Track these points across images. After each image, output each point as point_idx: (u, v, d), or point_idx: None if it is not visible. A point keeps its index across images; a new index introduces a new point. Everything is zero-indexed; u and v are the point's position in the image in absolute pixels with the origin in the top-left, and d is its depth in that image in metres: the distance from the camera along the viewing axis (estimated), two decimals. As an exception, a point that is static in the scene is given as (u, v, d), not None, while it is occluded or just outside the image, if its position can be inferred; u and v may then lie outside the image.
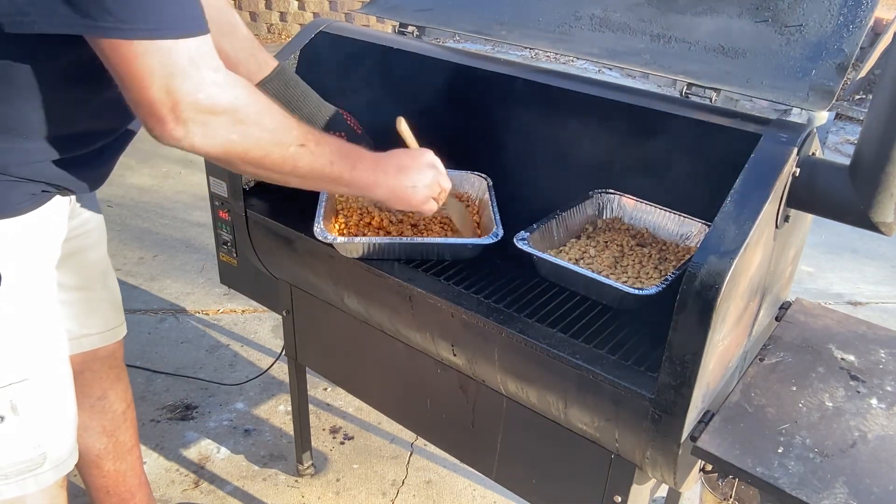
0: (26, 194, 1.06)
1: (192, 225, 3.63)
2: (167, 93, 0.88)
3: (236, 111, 0.94)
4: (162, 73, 0.87)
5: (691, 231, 1.50)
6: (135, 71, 0.86)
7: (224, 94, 0.92)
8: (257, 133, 0.97)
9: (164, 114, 0.89)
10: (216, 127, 0.93)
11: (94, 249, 1.46)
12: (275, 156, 1.01)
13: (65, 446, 1.24)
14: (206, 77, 0.90)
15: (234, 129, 0.95)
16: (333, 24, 1.68)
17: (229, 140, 0.95)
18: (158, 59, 0.86)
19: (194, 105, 0.89)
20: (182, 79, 0.88)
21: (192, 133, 0.91)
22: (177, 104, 0.88)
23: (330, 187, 1.16)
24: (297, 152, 1.03)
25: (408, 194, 1.24)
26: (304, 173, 1.06)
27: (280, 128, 1.01)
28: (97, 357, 1.53)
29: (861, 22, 1.13)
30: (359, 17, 6.83)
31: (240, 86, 0.95)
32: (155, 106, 0.88)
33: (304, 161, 1.05)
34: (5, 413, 1.11)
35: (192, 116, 0.90)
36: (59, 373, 1.20)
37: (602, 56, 1.32)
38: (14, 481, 1.17)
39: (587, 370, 1.14)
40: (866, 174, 1.02)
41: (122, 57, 0.86)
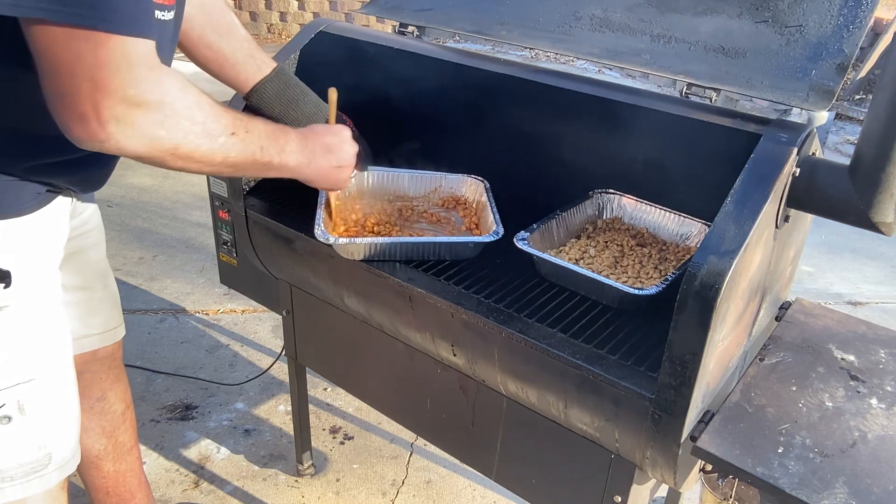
0: (32, 193, 1.06)
1: (192, 225, 3.63)
2: (93, 86, 0.82)
3: (164, 106, 0.89)
4: (92, 63, 0.81)
5: (691, 231, 1.50)
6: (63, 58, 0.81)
7: (153, 90, 0.87)
8: (187, 126, 0.93)
9: (85, 110, 0.83)
10: (143, 124, 0.87)
11: (94, 249, 1.46)
12: (204, 148, 0.97)
13: (69, 447, 1.24)
14: (139, 74, 0.85)
15: (163, 125, 0.90)
16: (333, 24, 1.68)
17: (157, 137, 0.90)
18: (92, 49, 0.81)
19: (122, 101, 0.84)
20: (113, 73, 0.82)
21: (118, 132, 0.85)
22: (101, 100, 0.83)
23: (260, 172, 1.13)
24: (226, 142, 1.00)
25: (334, 174, 1.25)
26: (235, 162, 1.04)
27: (210, 118, 0.97)
28: (96, 358, 1.54)
29: (861, 22, 1.13)
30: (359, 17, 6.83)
31: (170, 81, 0.90)
32: (77, 98, 0.82)
33: (235, 150, 1.02)
34: (12, 413, 1.11)
35: (118, 114, 0.84)
36: (64, 373, 1.21)
37: (602, 56, 1.33)
38: (19, 482, 1.17)
39: (587, 370, 1.14)
40: (866, 174, 1.02)
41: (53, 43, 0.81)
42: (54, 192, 1.11)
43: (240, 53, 1.35)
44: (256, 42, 1.41)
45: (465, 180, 1.67)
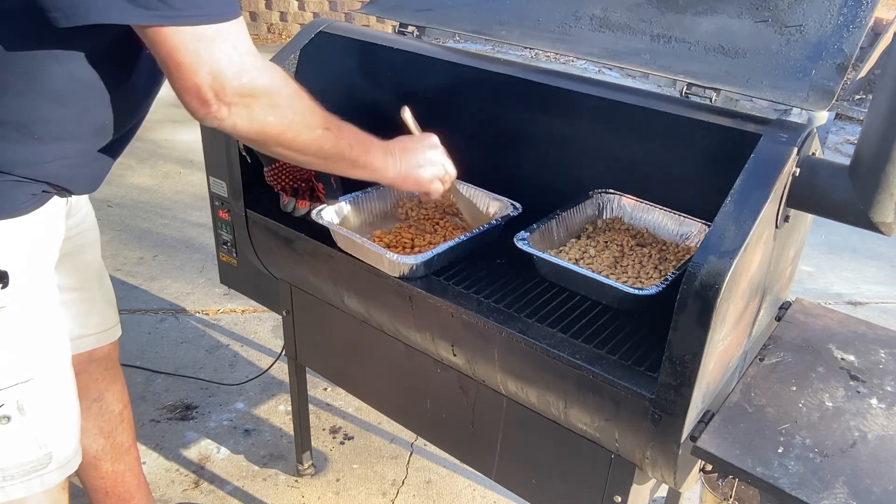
0: (28, 194, 1.06)
1: (192, 225, 3.63)
2: (213, 77, 0.93)
3: (273, 94, 1.00)
4: (208, 58, 0.92)
5: (691, 231, 1.50)
6: (183, 58, 0.92)
7: (262, 78, 0.98)
8: (290, 115, 1.04)
9: (209, 97, 0.95)
10: (256, 109, 0.99)
11: (89, 249, 1.46)
12: (304, 137, 1.07)
13: (69, 446, 1.24)
14: (247, 62, 0.96)
15: (272, 111, 1.01)
16: (333, 24, 1.68)
17: (266, 122, 1.01)
18: (205, 45, 0.92)
19: (238, 89, 0.95)
20: (227, 64, 0.94)
21: (235, 115, 0.98)
22: (222, 88, 0.94)
23: (346, 169, 1.20)
24: (322, 135, 1.09)
25: (415, 174, 1.30)
26: (327, 154, 1.13)
27: (309, 111, 1.07)
28: (93, 358, 1.53)
29: (861, 22, 1.13)
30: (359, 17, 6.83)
31: (275, 70, 1.01)
32: (202, 90, 0.94)
33: (329, 144, 1.11)
34: (11, 413, 1.11)
35: (236, 100, 0.96)
36: (63, 373, 1.21)
37: (602, 56, 1.32)
38: (20, 482, 1.17)
39: (587, 370, 1.14)
40: (866, 174, 1.02)
41: (171, 45, 0.91)
42: (50, 193, 1.11)
43: None
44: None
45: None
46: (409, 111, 1.43)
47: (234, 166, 1.60)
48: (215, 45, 0.93)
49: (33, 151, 1.04)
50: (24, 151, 1.03)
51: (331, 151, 1.13)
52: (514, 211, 1.52)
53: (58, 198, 1.14)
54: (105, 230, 3.48)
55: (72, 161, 1.10)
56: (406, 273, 1.35)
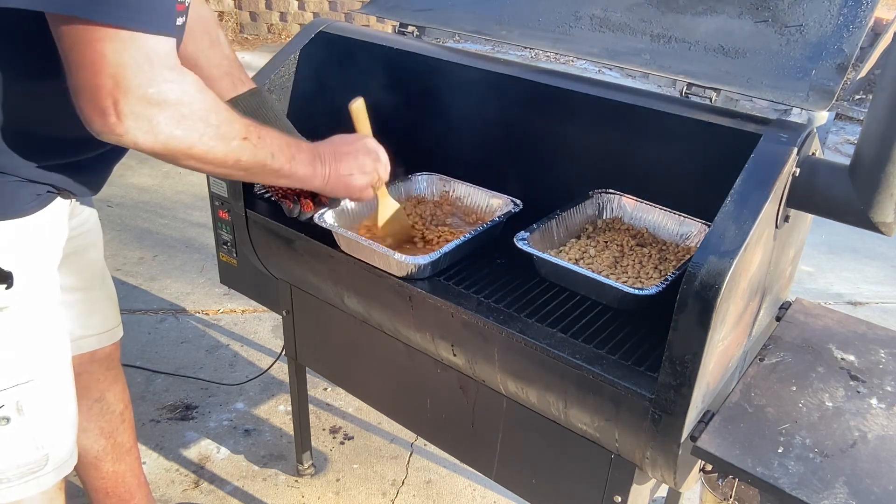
0: (32, 195, 1.06)
1: (192, 225, 3.63)
2: (115, 83, 0.85)
3: (182, 106, 0.92)
4: (115, 61, 0.85)
5: (691, 231, 1.50)
6: (88, 55, 0.85)
7: (173, 90, 0.91)
8: (202, 128, 0.96)
9: (106, 105, 0.86)
10: (160, 122, 0.91)
11: (92, 249, 1.46)
12: (218, 150, 1.00)
13: (66, 447, 1.24)
14: (159, 74, 0.89)
15: (179, 124, 0.93)
16: (333, 24, 1.68)
17: (173, 136, 0.93)
18: (116, 47, 0.85)
19: (141, 98, 0.87)
20: (135, 72, 0.86)
21: (135, 128, 0.89)
22: (124, 95, 0.86)
23: (271, 180, 1.15)
24: (239, 146, 1.03)
25: (345, 182, 1.25)
26: (247, 166, 1.06)
27: (224, 122, 1.00)
28: (95, 359, 1.53)
29: (861, 22, 1.13)
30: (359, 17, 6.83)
31: (189, 82, 0.94)
32: (99, 94, 0.86)
33: (247, 154, 1.05)
34: (10, 414, 1.11)
35: (137, 111, 0.88)
36: (62, 374, 1.21)
37: (602, 56, 1.32)
38: (16, 484, 1.17)
39: (587, 370, 1.14)
40: (866, 174, 1.02)
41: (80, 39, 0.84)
42: (54, 194, 1.11)
43: (217, 70, 1.34)
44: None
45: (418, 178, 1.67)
46: (361, 102, 1.37)
47: (234, 166, 1.60)
48: (127, 51, 0.85)
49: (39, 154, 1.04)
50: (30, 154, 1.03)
51: (250, 162, 1.06)
52: (514, 207, 1.53)
53: (61, 198, 1.14)
54: (105, 230, 3.45)
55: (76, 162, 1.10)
56: (413, 273, 1.35)
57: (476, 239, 1.43)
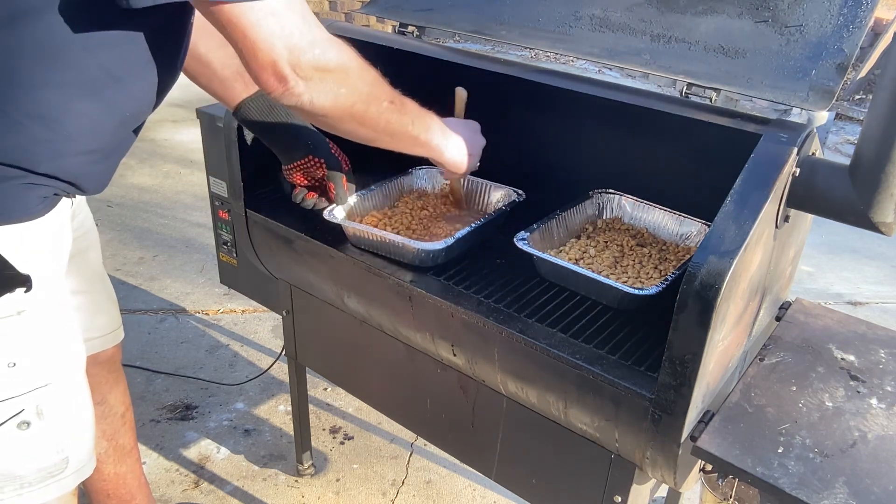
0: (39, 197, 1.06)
1: (192, 225, 3.63)
2: (290, 52, 0.94)
3: (343, 67, 1.02)
4: (281, 33, 0.93)
5: (691, 231, 1.50)
6: (258, 35, 0.92)
7: (332, 50, 0.99)
8: (360, 87, 1.05)
9: (286, 72, 0.95)
10: (329, 82, 1.00)
11: (91, 250, 1.46)
12: (372, 111, 1.09)
13: (85, 450, 1.23)
14: (316, 34, 0.97)
15: (343, 84, 1.02)
16: (333, 24, 1.68)
17: (339, 94, 1.03)
18: (277, 20, 0.92)
19: (312, 61, 0.96)
20: (299, 36, 0.94)
21: (311, 89, 0.99)
22: (297, 62, 0.95)
23: (409, 146, 1.23)
24: (388, 108, 1.11)
25: (467, 161, 1.36)
26: (394, 130, 1.15)
27: (375, 83, 1.09)
28: (97, 361, 1.53)
29: (861, 22, 1.13)
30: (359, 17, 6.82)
31: (341, 45, 1.02)
32: (279, 66, 0.94)
33: (394, 118, 1.13)
34: (31, 419, 1.10)
35: (310, 73, 0.97)
36: (79, 376, 1.20)
37: (602, 56, 1.32)
38: (37, 488, 1.15)
39: (587, 370, 1.14)
40: (866, 174, 1.02)
41: (245, 23, 0.91)
42: (59, 196, 1.10)
43: (228, 70, 1.34)
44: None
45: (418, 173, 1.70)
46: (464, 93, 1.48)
47: (234, 166, 1.60)
48: (286, 19, 0.93)
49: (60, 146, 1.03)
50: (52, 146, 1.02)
51: (396, 126, 1.14)
52: (518, 197, 1.56)
53: (65, 200, 1.14)
54: (105, 230, 3.48)
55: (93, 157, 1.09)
56: (427, 260, 1.38)
57: (486, 227, 1.45)
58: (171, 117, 4.79)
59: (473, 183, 1.65)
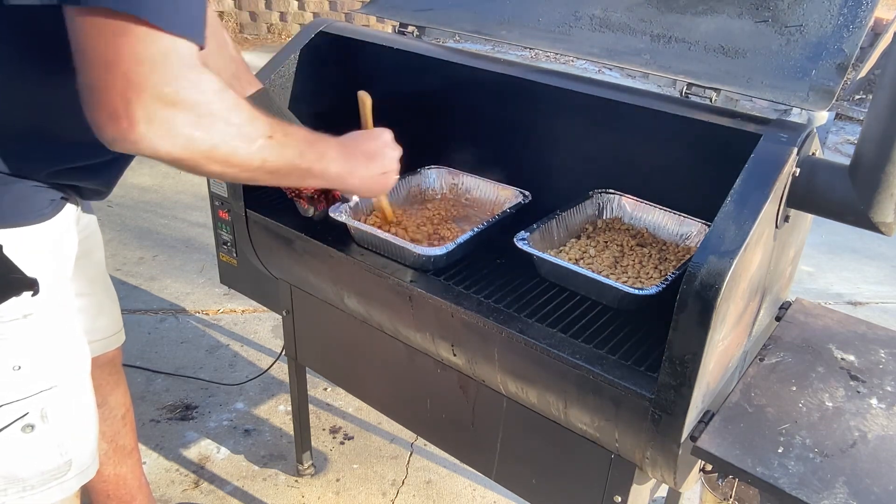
0: (47, 199, 1.06)
1: (192, 225, 3.63)
2: (126, 82, 0.78)
3: (199, 106, 0.84)
4: (130, 57, 0.77)
5: (691, 231, 1.50)
6: (100, 49, 0.77)
7: (190, 89, 0.83)
8: (223, 128, 0.88)
9: (116, 107, 0.78)
10: (178, 124, 0.82)
11: (95, 252, 1.46)
12: (242, 151, 0.92)
13: (88, 453, 1.23)
14: (177, 72, 0.81)
15: (198, 125, 0.85)
16: (333, 24, 1.68)
17: (192, 138, 0.85)
18: (133, 43, 0.77)
19: (157, 98, 0.79)
20: (150, 69, 0.78)
21: (150, 132, 0.81)
22: (135, 97, 0.78)
23: (301, 181, 1.10)
24: (264, 145, 0.95)
25: (380, 182, 1.24)
26: (274, 167, 0.99)
27: (246, 121, 0.92)
28: (97, 364, 1.52)
29: (861, 22, 1.13)
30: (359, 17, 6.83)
31: (207, 80, 0.86)
32: (109, 95, 0.78)
33: (273, 154, 0.97)
34: (35, 422, 1.10)
35: (151, 112, 0.80)
36: (83, 379, 1.20)
37: (602, 56, 1.32)
38: (40, 490, 1.15)
39: (587, 370, 1.14)
40: (866, 174, 1.02)
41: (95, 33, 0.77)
42: (66, 199, 1.10)
43: (225, 73, 1.33)
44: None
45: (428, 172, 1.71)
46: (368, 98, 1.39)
47: (234, 166, 1.60)
48: (145, 47, 0.77)
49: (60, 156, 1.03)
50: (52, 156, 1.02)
51: (277, 163, 0.98)
52: (524, 199, 1.56)
53: (70, 204, 1.14)
54: (105, 230, 3.46)
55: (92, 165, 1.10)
56: (429, 264, 1.38)
57: (488, 230, 1.45)
58: (171, 117, 4.79)
59: (482, 182, 1.66)
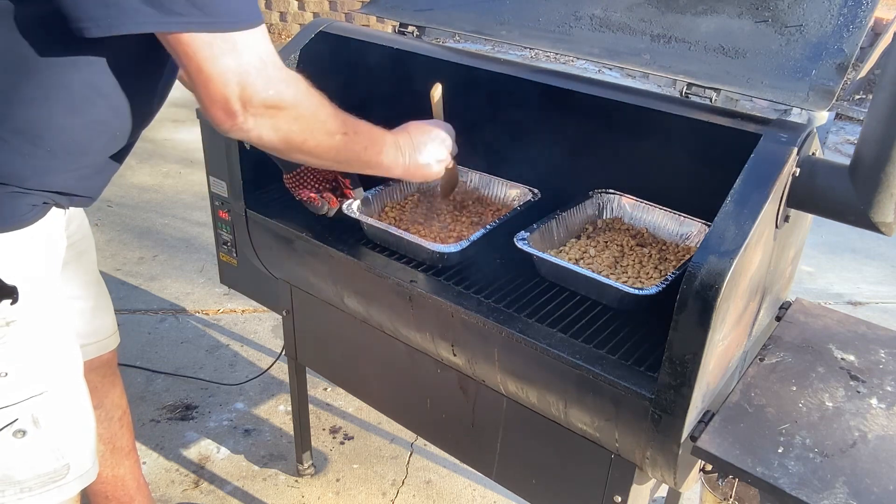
0: (29, 205, 1.05)
1: (192, 225, 3.63)
2: (242, 88, 0.94)
3: (297, 106, 1.02)
4: (237, 69, 0.93)
5: (691, 231, 1.50)
6: (213, 69, 0.92)
7: (288, 91, 1.00)
8: (313, 124, 1.07)
9: (236, 109, 0.95)
10: (281, 120, 1.01)
11: (86, 256, 1.45)
12: (324, 144, 1.10)
13: (87, 456, 1.22)
14: (273, 74, 0.97)
15: (296, 121, 1.03)
16: (333, 24, 1.68)
17: (291, 131, 1.04)
18: (234, 56, 0.93)
19: (265, 100, 0.97)
20: (255, 76, 0.95)
21: (260, 126, 0.99)
22: (249, 100, 0.95)
23: (359, 169, 1.26)
24: (340, 140, 1.13)
25: (423, 172, 1.34)
26: (345, 158, 1.17)
27: (330, 118, 1.10)
28: (92, 367, 1.52)
29: (861, 22, 1.13)
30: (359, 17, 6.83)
31: (299, 81, 1.03)
32: (230, 102, 0.95)
33: (346, 148, 1.15)
34: (27, 427, 1.10)
35: (262, 111, 0.97)
36: (75, 383, 1.19)
37: (602, 56, 1.32)
38: (38, 493, 1.15)
39: (587, 370, 1.14)
40: (866, 174, 1.02)
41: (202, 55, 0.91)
42: (49, 204, 1.10)
43: None
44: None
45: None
46: (440, 91, 1.46)
47: (234, 166, 1.60)
48: (244, 56, 0.93)
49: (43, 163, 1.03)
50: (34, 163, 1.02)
51: (347, 155, 1.17)
52: (533, 197, 1.57)
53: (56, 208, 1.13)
54: (105, 230, 3.48)
55: (80, 173, 1.09)
56: (442, 261, 1.39)
57: (500, 228, 1.46)
58: (171, 117, 4.79)
59: (490, 180, 1.67)
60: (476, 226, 1.56)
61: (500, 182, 1.66)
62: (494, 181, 1.68)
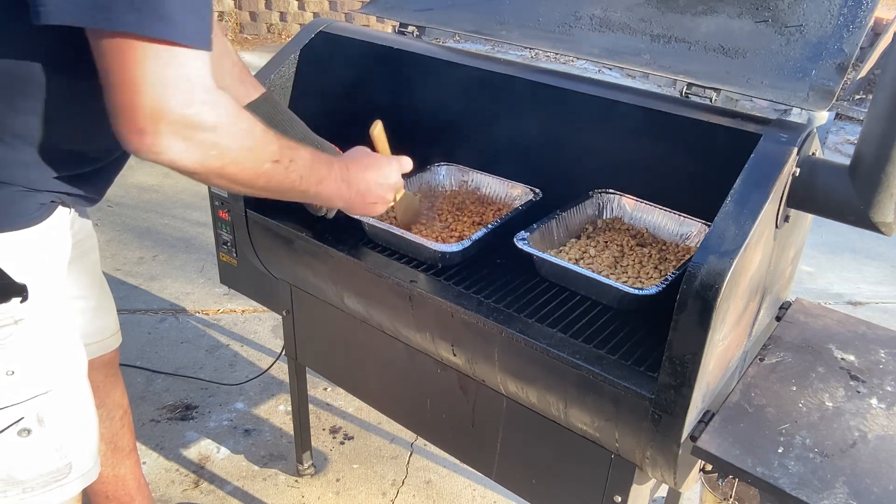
0: (37, 203, 1.06)
1: (192, 225, 3.63)
2: (155, 102, 0.85)
3: (217, 129, 0.92)
4: (157, 81, 0.85)
5: (691, 231, 1.50)
6: (129, 74, 0.84)
7: (209, 114, 0.91)
8: (235, 150, 0.96)
9: (144, 124, 0.86)
10: (197, 144, 0.91)
11: (90, 254, 1.45)
12: (249, 172, 1.01)
13: (89, 455, 1.23)
14: (197, 96, 0.89)
15: (216, 145, 0.93)
16: (333, 24, 1.68)
17: (208, 156, 0.93)
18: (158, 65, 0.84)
19: (180, 119, 0.88)
20: (174, 92, 0.86)
21: (172, 148, 0.89)
22: (161, 117, 0.86)
23: (295, 198, 1.17)
24: (270, 169, 1.03)
25: (366, 210, 1.29)
26: (275, 188, 1.07)
27: (258, 145, 1.00)
28: (95, 366, 1.52)
29: (861, 22, 1.13)
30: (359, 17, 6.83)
31: (224, 104, 0.94)
32: (138, 114, 0.86)
33: (277, 177, 1.06)
34: (31, 426, 1.10)
35: (175, 132, 0.88)
36: (79, 382, 1.19)
37: (602, 56, 1.32)
38: (40, 493, 1.15)
39: (587, 370, 1.14)
40: (866, 174, 1.02)
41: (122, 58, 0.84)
42: (56, 203, 1.10)
43: (229, 77, 1.34)
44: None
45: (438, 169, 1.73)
46: (380, 127, 1.39)
47: (234, 166, 1.60)
48: (170, 69, 0.85)
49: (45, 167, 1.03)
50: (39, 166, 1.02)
51: (278, 185, 1.07)
52: (535, 196, 1.57)
53: (62, 207, 1.13)
54: (105, 230, 3.48)
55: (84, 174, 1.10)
56: (443, 261, 1.39)
57: (501, 227, 1.46)
58: (171, 117, 4.79)
59: (492, 179, 1.68)
60: (477, 225, 1.56)
61: (501, 182, 1.66)
62: (495, 181, 1.68)
